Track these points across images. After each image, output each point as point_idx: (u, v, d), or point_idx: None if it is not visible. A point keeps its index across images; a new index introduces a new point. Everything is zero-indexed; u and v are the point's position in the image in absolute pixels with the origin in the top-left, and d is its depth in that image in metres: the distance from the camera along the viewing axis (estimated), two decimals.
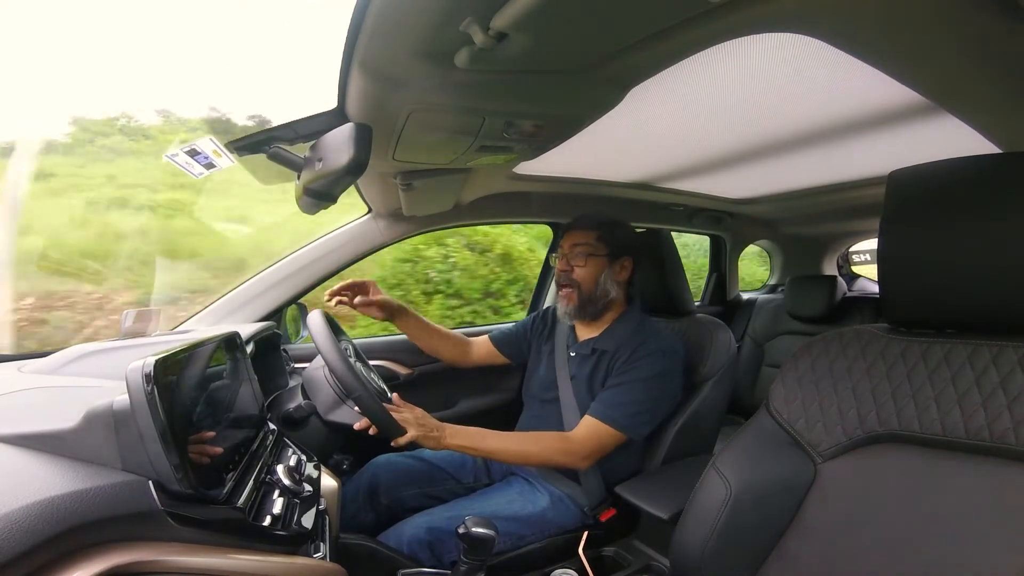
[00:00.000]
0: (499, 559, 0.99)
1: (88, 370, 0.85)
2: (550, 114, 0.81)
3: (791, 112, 0.95)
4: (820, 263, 2.57)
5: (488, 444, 1.01)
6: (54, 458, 0.48)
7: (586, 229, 1.17)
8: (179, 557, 0.47)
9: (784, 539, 0.69)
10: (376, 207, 1.37)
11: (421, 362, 1.59)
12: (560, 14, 0.52)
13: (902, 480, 0.62)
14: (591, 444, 1.04)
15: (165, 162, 0.78)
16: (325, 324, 0.96)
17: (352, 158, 0.64)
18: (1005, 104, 0.73)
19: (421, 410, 0.98)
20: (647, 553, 1.00)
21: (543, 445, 1.05)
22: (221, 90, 3.53)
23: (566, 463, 1.05)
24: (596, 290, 1.15)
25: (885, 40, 0.59)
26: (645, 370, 1.06)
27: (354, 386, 0.88)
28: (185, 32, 2.96)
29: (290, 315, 1.38)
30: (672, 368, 1.09)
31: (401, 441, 0.92)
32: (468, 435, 1.00)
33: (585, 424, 1.05)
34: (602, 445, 1.04)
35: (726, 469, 0.73)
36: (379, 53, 0.62)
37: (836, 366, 0.70)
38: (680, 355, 1.11)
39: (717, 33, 0.60)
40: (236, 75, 3.20)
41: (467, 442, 0.99)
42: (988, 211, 0.59)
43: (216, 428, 0.61)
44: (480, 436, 1.02)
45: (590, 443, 1.04)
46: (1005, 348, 0.57)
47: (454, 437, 0.98)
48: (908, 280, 0.65)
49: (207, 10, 3.14)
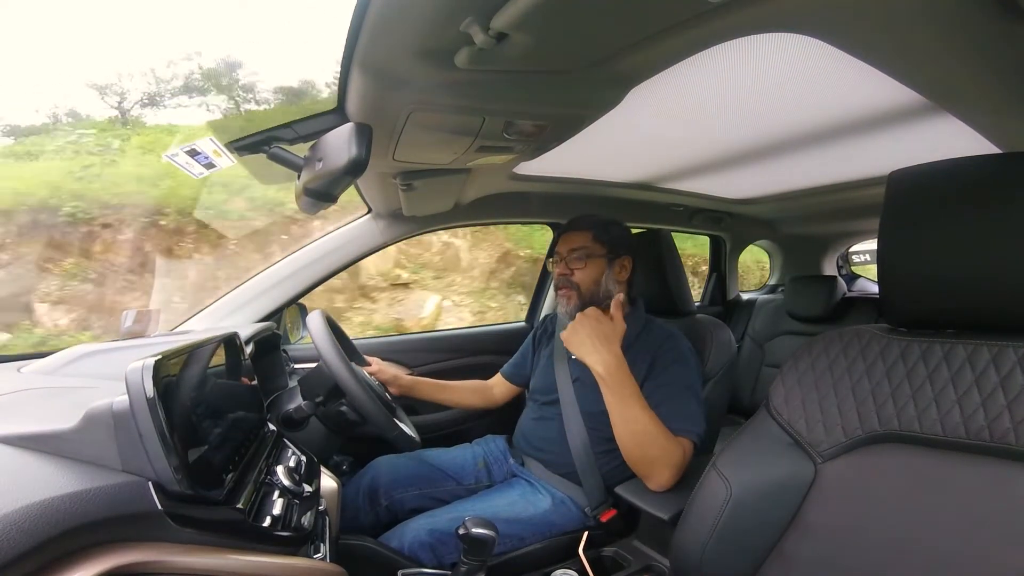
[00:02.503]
0: (499, 560, 0.99)
1: (88, 370, 0.85)
2: (550, 114, 0.81)
3: (791, 112, 0.95)
4: (820, 263, 2.57)
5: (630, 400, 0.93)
6: (54, 459, 0.47)
7: (581, 230, 1.16)
8: (179, 558, 0.47)
9: (784, 539, 0.69)
10: (376, 207, 1.37)
11: (421, 362, 1.59)
12: (560, 14, 0.52)
13: (902, 480, 0.62)
14: (683, 467, 0.95)
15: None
16: (325, 324, 0.96)
17: (352, 158, 0.64)
18: (1005, 104, 0.73)
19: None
20: (647, 553, 1.00)
21: (664, 449, 0.93)
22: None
23: (659, 474, 0.93)
24: (598, 292, 1.14)
25: (885, 40, 0.59)
26: (684, 375, 1.04)
27: (353, 387, 0.88)
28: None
29: (290, 315, 1.38)
30: (699, 369, 1.09)
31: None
32: (626, 382, 0.94)
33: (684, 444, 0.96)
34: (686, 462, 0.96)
35: (726, 469, 0.73)
36: (379, 53, 0.62)
37: (836, 366, 0.70)
38: (694, 351, 1.11)
39: (717, 33, 0.60)
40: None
41: (617, 386, 0.93)
42: (988, 211, 0.59)
43: (216, 429, 0.61)
44: (633, 390, 0.94)
45: (683, 466, 0.95)
46: (1005, 348, 0.57)
47: (613, 370, 0.93)
48: (908, 280, 0.65)
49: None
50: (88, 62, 3.93)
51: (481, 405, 1.39)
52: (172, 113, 5.13)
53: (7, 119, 4.34)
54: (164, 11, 5.56)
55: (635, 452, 0.94)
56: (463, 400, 1.36)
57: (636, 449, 0.94)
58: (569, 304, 1.15)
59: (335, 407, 0.96)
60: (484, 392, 1.39)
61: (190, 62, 5.13)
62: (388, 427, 0.91)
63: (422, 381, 1.30)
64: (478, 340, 1.76)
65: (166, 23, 4.29)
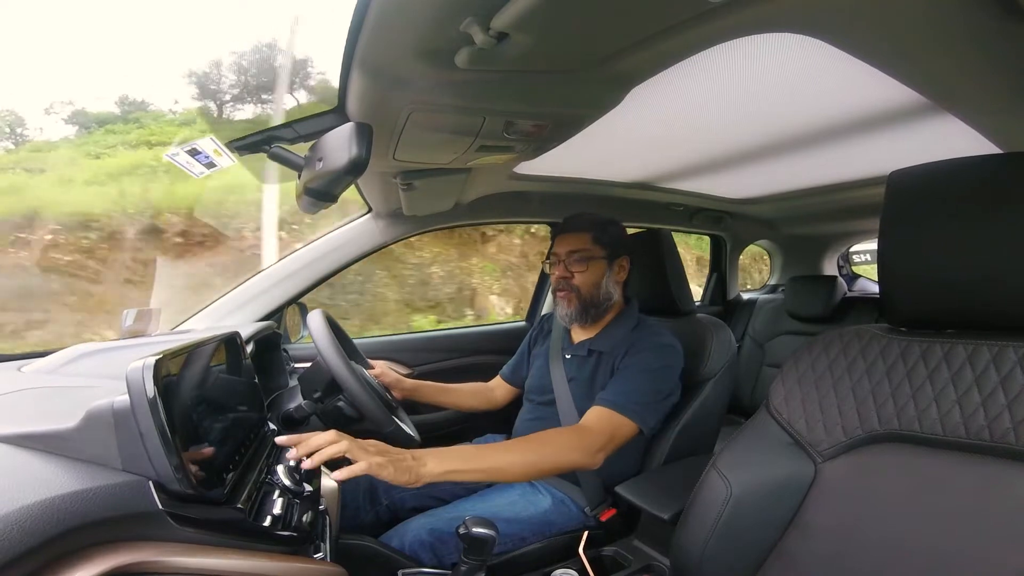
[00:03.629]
0: (500, 559, 0.99)
1: (88, 370, 0.85)
2: (550, 114, 0.81)
3: (791, 112, 0.95)
4: (820, 263, 2.57)
5: (486, 461, 0.82)
6: (54, 458, 0.48)
7: (580, 232, 1.15)
8: (179, 557, 0.47)
9: (784, 539, 0.69)
10: (376, 207, 1.37)
11: (421, 362, 1.59)
12: (560, 14, 0.52)
13: (903, 480, 0.62)
14: (605, 435, 0.94)
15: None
16: (325, 324, 0.96)
17: (352, 157, 0.64)
18: (1005, 104, 0.73)
19: (378, 441, 0.76)
20: (647, 553, 1.00)
21: (556, 444, 0.91)
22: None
23: (581, 461, 0.91)
24: (599, 294, 1.13)
25: (885, 40, 0.59)
26: (650, 361, 1.05)
27: (350, 382, 0.88)
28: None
29: (290, 315, 1.38)
30: (674, 364, 1.08)
31: (355, 471, 0.68)
32: (458, 455, 0.80)
33: (596, 414, 0.97)
34: (615, 437, 0.96)
35: (726, 469, 0.73)
36: (379, 53, 0.62)
37: (836, 366, 0.70)
38: (679, 352, 1.10)
39: (717, 33, 0.60)
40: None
41: (458, 464, 0.78)
42: (988, 211, 0.59)
43: (216, 428, 0.61)
44: (472, 454, 0.83)
45: (604, 434, 0.94)
46: (1005, 348, 0.57)
47: (439, 461, 0.76)
48: (908, 280, 0.65)
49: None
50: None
51: (482, 407, 1.39)
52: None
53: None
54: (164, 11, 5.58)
55: (547, 468, 0.90)
56: (465, 403, 1.36)
57: (547, 465, 0.89)
58: (568, 307, 1.14)
59: (332, 402, 0.96)
60: (485, 394, 1.40)
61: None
62: (385, 422, 0.91)
63: (424, 384, 1.29)
64: (478, 340, 1.77)
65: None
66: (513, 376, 1.39)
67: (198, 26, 5.78)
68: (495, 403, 1.40)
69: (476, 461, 0.81)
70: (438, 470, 0.75)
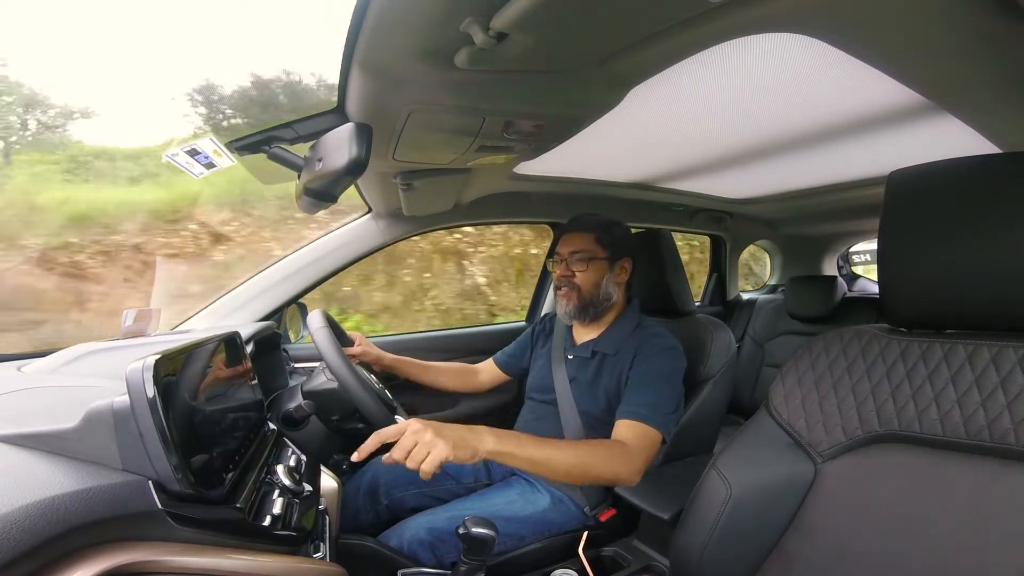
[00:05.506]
0: (499, 559, 0.99)
1: (88, 370, 0.85)
2: (550, 114, 0.81)
3: (791, 112, 0.95)
4: (820, 263, 2.58)
5: (540, 452, 0.82)
6: (54, 458, 0.48)
7: (583, 232, 1.16)
8: (179, 557, 0.47)
9: (784, 539, 0.69)
10: (376, 207, 1.37)
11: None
12: (560, 14, 0.52)
13: (902, 480, 0.62)
14: (646, 452, 0.92)
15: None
16: (325, 324, 0.96)
17: (352, 158, 0.64)
18: (1005, 104, 0.73)
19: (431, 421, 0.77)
20: (647, 553, 1.00)
21: (603, 455, 0.89)
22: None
23: (624, 477, 0.90)
24: (599, 294, 1.14)
25: (885, 40, 0.59)
26: (663, 367, 1.05)
27: (355, 388, 0.88)
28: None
29: (290, 315, 1.38)
30: (682, 366, 1.09)
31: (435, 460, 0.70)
32: (516, 439, 0.81)
33: (632, 430, 0.95)
34: (649, 451, 0.94)
35: (726, 469, 0.73)
36: (379, 53, 0.62)
37: (836, 366, 0.70)
38: (683, 354, 1.11)
39: (717, 33, 0.60)
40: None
41: (513, 447, 0.79)
42: (988, 211, 0.59)
43: (216, 428, 0.61)
44: (528, 441, 0.82)
45: (645, 451, 0.92)
46: (1005, 348, 0.57)
47: (497, 440, 0.78)
48: (908, 280, 0.65)
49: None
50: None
51: (464, 389, 1.38)
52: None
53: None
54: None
55: (591, 477, 0.90)
56: (446, 382, 1.35)
57: (585, 477, 0.89)
58: (569, 305, 1.15)
59: (351, 426, 0.97)
60: (468, 375, 1.40)
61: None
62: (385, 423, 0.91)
63: (405, 360, 1.30)
64: (478, 340, 1.76)
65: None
66: (507, 364, 1.39)
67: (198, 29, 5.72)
68: (479, 387, 1.40)
69: (531, 449, 0.82)
70: (496, 448, 0.77)
